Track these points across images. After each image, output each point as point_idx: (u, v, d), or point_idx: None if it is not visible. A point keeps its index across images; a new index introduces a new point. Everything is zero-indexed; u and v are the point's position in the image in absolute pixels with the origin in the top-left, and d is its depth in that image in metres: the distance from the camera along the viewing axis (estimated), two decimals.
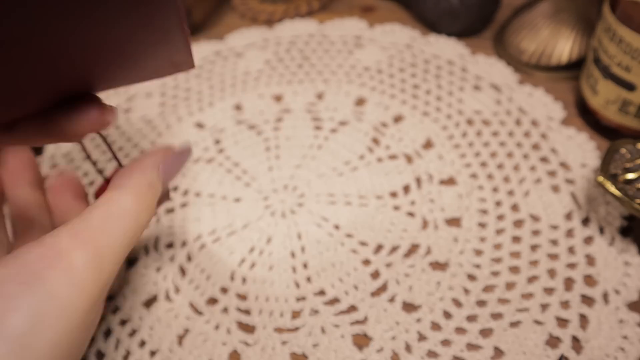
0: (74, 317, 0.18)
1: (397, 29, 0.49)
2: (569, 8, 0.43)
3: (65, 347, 0.17)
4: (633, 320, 0.29)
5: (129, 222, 0.20)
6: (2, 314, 0.16)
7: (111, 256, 0.19)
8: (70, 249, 0.18)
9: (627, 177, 0.30)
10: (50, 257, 0.18)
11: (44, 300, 0.17)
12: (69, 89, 0.20)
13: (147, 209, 0.22)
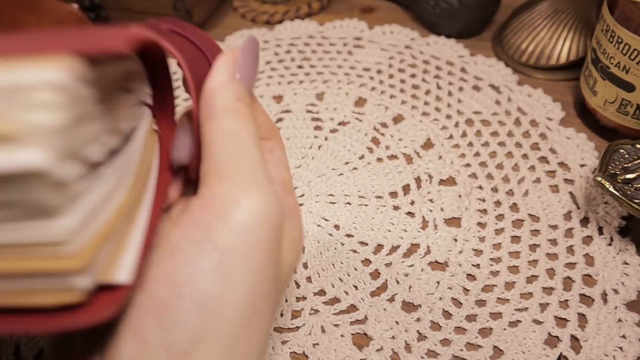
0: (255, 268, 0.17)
1: (396, 30, 0.49)
2: (568, 9, 0.43)
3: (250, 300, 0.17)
4: (632, 319, 0.29)
5: (251, 140, 0.19)
6: (190, 277, 0.16)
7: (266, 183, 0.18)
8: (230, 198, 0.17)
9: (625, 177, 0.30)
10: (215, 211, 0.17)
11: (220, 260, 0.16)
12: None
13: (249, 121, 0.20)
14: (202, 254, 0.16)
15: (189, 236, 0.17)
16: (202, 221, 0.17)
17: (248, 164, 0.18)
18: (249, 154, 0.19)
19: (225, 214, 0.17)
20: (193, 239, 0.17)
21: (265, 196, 0.18)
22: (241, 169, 0.18)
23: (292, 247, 0.20)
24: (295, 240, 0.21)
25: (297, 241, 0.21)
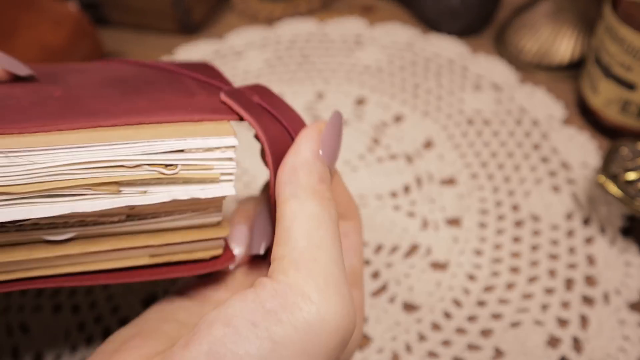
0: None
1: (397, 28, 0.49)
2: (570, 7, 0.43)
3: None
4: (634, 320, 0.29)
5: (332, 228, 0.18)
6: (233, 356, 0.15)
7: (343, 285, 0.17)
8: (303, 293, 0.16)
9: (628, 177, 0.30)
10: (285, 301, 0.16)
11: (270, 352, 0.15)
12: None
13: (331, 206, 0.18)
14: (255, 339, 0.16)
15: (249, 315, 0.16)
16: (268, 306, 0.16)
17: (327, 256, 0.17)
18: (330, 244, 0.17)
19: (292, 308, 0.16)
20: (252, 320, 0.16)
21: (339, 300, 0.17)
22: (321, 262, 0.17)
23: (348, 349, 0.19)
24: (354, 341, 0.20)
25: (354, 342, 0.20)
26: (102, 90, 0.21)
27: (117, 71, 0.24)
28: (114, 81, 0.22)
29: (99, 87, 0.22)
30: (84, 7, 0.53)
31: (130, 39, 0.53)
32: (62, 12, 0.46)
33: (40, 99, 0.20)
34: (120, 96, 0.21)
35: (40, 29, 0.44)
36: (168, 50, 0.51)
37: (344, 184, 0.22)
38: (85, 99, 0.20)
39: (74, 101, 0.20)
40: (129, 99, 0.21)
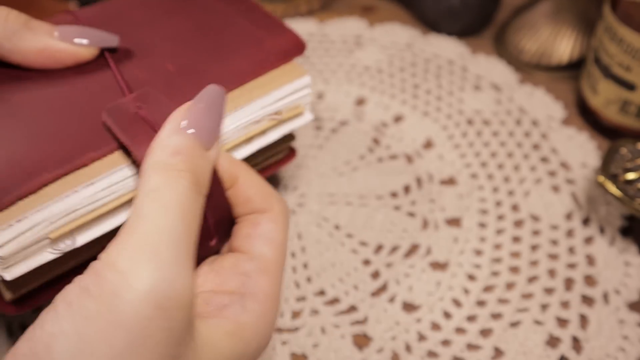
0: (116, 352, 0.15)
1: (397, 28, 0.49)
2: (570, 8, 0.43)
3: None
4: (633, 320, 0.29)
5: (172, 199, 0.17)
6: (49, 336, 0.15)
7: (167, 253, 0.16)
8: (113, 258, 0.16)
9: (627, 177, 0.30)
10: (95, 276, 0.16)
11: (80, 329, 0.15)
12: None
13: (183, 177, 0.17)
14: (69, 317, 0.15)
15: (67, 296, 0.16)
16: (82, 284, 0.16)
17: (150, 225, 0.16)
18: (157, 215, 0.16)
19: (100, 280, 0.15)
20: (68, 300, 0.16)
21: (155, 266, 0.15)
22: (139, 231, 0.16)
23: (236, 336, 0.18)
24: (245, 329, 0.18)
25: (247, 330, 0.19)
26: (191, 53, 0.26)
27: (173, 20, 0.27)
28: (188, 36, 0.26)
29: (185, 48, 0.26)
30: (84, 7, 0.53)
31: None
32: None
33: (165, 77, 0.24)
34: (211, 55, 0.26)
35: None
36: None
37: (256, 176, 0.21)
38: (195, 68, 0.25)
39: (191, 73, 0.25)
40: (221, 58, 0.26)
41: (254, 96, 0.25)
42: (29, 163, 0.19)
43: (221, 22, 0.28)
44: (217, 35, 0.27)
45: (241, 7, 0.29)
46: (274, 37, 0.27)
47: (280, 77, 0.26)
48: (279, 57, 0.27)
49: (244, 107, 0.25)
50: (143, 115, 0.21)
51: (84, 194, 0.20)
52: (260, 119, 0.26)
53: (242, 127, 0.25)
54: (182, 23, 0.27)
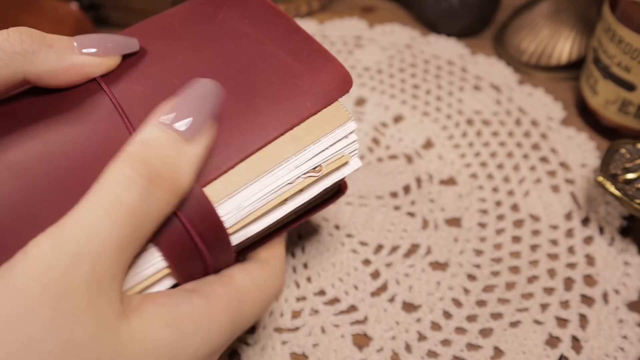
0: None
1: (397, 29, 0.49)
2: (569, 8, 0.43)
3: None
4: (633, 320, 0.29)
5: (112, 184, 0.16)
6: None
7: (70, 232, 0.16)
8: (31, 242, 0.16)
9: (626, 177, 0.30)
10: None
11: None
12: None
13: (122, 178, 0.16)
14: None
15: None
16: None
17: (76, 215, 0.16)
18: (87, 204, 0.16)
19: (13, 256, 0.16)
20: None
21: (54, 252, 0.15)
22: (65, 219, 0.16)
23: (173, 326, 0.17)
24: (183, 319, 0.18)
25: (186, 322, 0.18)
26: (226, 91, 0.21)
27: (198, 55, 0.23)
28: (222, 72, 0.22)
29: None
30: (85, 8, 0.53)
31: None
32: (63, 12, 0.46)
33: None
34: (236, 102, 0.21)
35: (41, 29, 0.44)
36: None
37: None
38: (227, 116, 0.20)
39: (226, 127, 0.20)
40: (247, 106, 0.21)
41: (287, 154, 0.20)
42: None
43: (253, 57, 0.23)
44: (248, 75, 0.22)
45: (275, 31, 0.24)
46: (314, 72, 0.22)
47: (319, 126, 0.21)
48: (319, 99, 0.21)
49: (277, 169, 0.20)
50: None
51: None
52: (294, 180, 0.21)
53: (273, 192, 0.21)
54: (211, 58, 0.23)
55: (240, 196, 0.20)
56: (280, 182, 0.21)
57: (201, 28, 0.24)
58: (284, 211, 0.22)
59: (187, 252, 0.19)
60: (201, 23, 0.24)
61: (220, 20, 0.24)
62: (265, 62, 0.23)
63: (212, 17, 0.25)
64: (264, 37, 0.24)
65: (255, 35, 0.24)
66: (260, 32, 0.24)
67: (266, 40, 0.24)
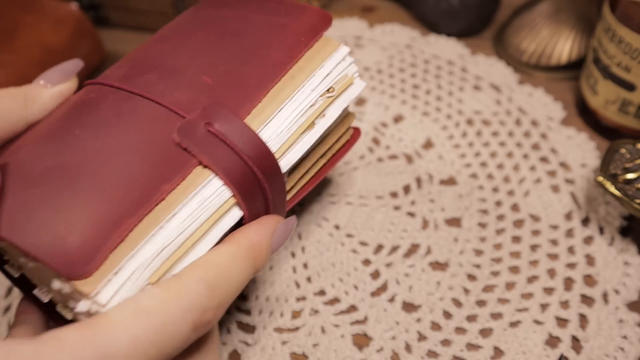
0: None
1: (397, 29, 0.49)
2: (569, 8, 0.43)
3: None
4: (633, 320, 0.29)
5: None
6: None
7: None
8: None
9: (626, 177, 0.30)
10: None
11: None
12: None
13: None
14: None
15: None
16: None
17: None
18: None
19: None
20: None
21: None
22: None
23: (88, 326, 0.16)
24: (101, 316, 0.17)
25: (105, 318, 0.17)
26: (222, 61, 0.25)
27: (194, 39, 0.26)
28: (214, 47, 0.26)
29: (216, 59, 0.25)
30: (85, 8, 0.53)
31: (131, 40, 0.53)
32: (62, 12, 0.46)
33: (206, 91, 0.23)
34: (243, 57, 0.25)
35: (41, 29, 0.44)
36: None
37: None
38: (232, 74, 0.24)
39: (229, 80, 0.24)
40: (253, 56, 0.25)
41: (300, 81, 0.25)
42: (109, 214, 0.19)
43: (239, 26, 0.27)
44: (241, 38, 0.26)
45: (251, 6, 0.28)
46: (296, 18, 0.27)
47: (317, 55, 0.26)
48: (309, 35, 0.26)
49: (295, 95, 0.24)
50: (214, 132, 0.21)
51: (169, 228, 0.19)
52: (315, 102, 0.25)
53: (300, 115, 0.24)
54: (204, 38, 0.26)
55: (273, 123, 0.23)
56: (303, 105, 0.24)
57: (186, 28, 0.28)
58: (315, 135, 0.25)
59: (245, 177, 0.21)
60: (182, 26, 0.28)
61: (200, 18, 0.28)
62: (252, 26, 0.27)
63: (193, 18, 0.28)
64: (243, 12, 0.28)
65: (235, 14, 0.28)
66: (238, 11, 0.28)
67: (245, 13, 0.27)
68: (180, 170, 0.20)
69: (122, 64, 0.26)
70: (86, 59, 0.47)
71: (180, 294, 0.18)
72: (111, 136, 0.21)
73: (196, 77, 0.24)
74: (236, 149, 0.21)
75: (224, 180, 0.21)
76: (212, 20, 0.27)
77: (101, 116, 0.22)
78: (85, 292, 0.17)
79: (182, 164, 0.21)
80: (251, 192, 0.22)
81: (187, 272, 0.19)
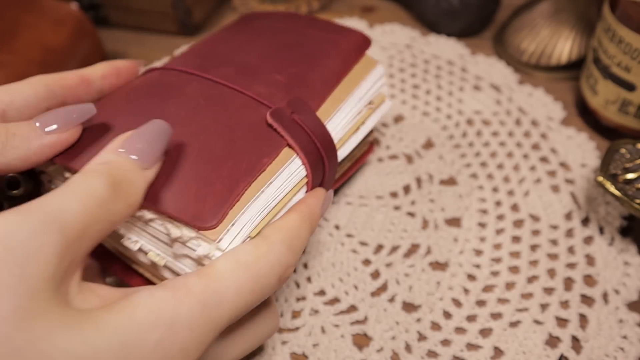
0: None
1: (397, 29, 0.49)
2: (569, 8, 0.43)
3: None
4: (633, 320, 0.29)
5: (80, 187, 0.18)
6: None
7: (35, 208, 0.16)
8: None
9: (626, 177, 0.30)
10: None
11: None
12: None
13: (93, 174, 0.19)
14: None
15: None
16: None
17: (45, 199, 0.17)
18: (57, 193, 0.17)
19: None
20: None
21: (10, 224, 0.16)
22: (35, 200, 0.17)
23: (124, 313, 0.17)
24: (138, 306, 0.17)
25: (140, 309, 0.17)
26: (289, 65, 0.29)
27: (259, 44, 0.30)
28: (279, 53, 0.29)
29: (283, 62, 0.29)
30: (85, 8, 0.53)
31: (131, 40, 0.53)
32: (62, 12, 0.46)
33: (282, 87, 0.27)
34: (306, 64, 0.29)
35: (41, 29, 0.44)
36: (168, 51, 0.51)
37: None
38: (300, 77, 0.28)
39: (298, 81, 0.28)
40: (314, 64, 0.29)
41: (351, 90, 0.29)
42: (227, 180, 0.23)
43: (296, 37, 0.31)
44: (300, 47, 0.30)
45: (302, 22, 0.32)
46: (345, 36, 0.31)
47: (362, 70, 0.30)
48: (357, 52, 0.30)
49: (347, 101, 0.29)
50: (297, 120, 0.26)
51: (268, 193, 0.24)
52: (361, 110, 0.30)
53: (352, 118, 0.29)
54: (268, 44, 0.30)
55: (333, 121, 0.28)
56: (353, 111, 0.29)
57: (246, 33, 0.31)
58: (358, 137, 0.30)
59: (316, 160, 0.26)
60: (243, 32, 0.32)
61: (257, 26, 0.32)
62: (308, 38, 0.31)
63: (251, 26, 0.32)
64: (296, 26, 0.32)
65: (289, 27, 0.32)
66: (291, 25, 0.32)
67: (298, 27, 0.32)
68: (275, 148, 0.25)
69: (189, 57, 0.30)
70: (86, 59, 0.47)
71: (269, 252, 0.21)
72: (206, 116, 0.25)
73: (270, 76, 0.28)
74: (312, 136, 0.26)
75: (302, 160, 0.25)
76: (270, 30, 0.32)
77: (190, 97, 0.26)
78: (212, 238, 0.21)
79: (276, 143, 0.25)
80: (317, 171, 0.26)
81: (271, 234, 0.22)
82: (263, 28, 0.32)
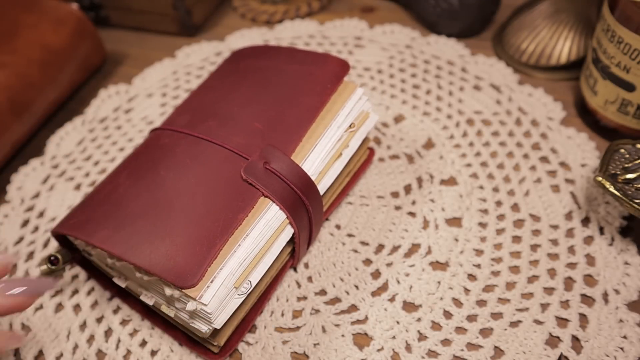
0: None
1: (397, 29, 0.49)
2: (569, 9, 0.43)
3: None
4: (633, 320, 0.29)
5: None
6: None
7: None
8: None
9: (626, 177, 0.30)
10: None
11: None
12: None
13: None
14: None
15: None
16: None
17: None
18: None
19: None
20: None
21: None
22: None
23: None
24: None
25: None
26: (266, 109, 0.31)
27: (240, 90, 0.33)
28: (257, 97, 0.32)
29: (260, 107, 0.31)
30: (85, 8, 0.53)
31: (131, 40, 0.53)
32: (63, 12, 0.46)
33: (259, 135, 0.29)
34: (283, 104, 0.31)
35: (41, 29, 0.44)
36: (169, 51, 0.51)
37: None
38: (277, 119, 0.30)
39: (276, 124, 0.30)
40: (292, 103, 0.31)
41: (328, 121, 0.30)
42: (204, 238, 0.25)
43: (276, 75, 0.33)
44: (278, 88, 0.32)
45: (282, 56, 0.34)
46: (321, 67, 0.32)
47: (339, 98, 0.31)
48: (334, 81, 0.32)
49: (325, 134, 0.30)
50: (271, 169, 0.28)
51: (245, 245, 0.26)
52: (341, 136, 0.31)
53: (331, 148, 0.30)
54: (249, 90, 0.32)
55: (311, 157, 0.29)
56: (332, 141, 0.30)
57: (231, 78, 0.34)
58: (342, 163, 0.31)
59: (294, 201, 0.27)
60: (229, 76, 0.34)
61: (242, 68, 0.34)
62: (287, 75, 0.32)
63: (236, 68, 0.35)
64: (277, 62, 0.34)
65: (271, 64, 0.34)
66: (273, 61, 0.34)
67: (279, 64, 0.33)
68: (250, 201, 0.26)
69: (182, 112, 0.33)
70: (86, 59, 0.47)
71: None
72: (191, 176, 0.28)
73: (249, 124, 0.30)
74: (287, 181, 0.27)
75: (280, 206, 0.27)
76: (252, 70, 0.34)
77: (179, 159, 0.29)
78: (193, 296, 0.24)
79: (250, 196, 0.27)
80: (298, 213, 0.28)
81: None
82: (247, 69, 0.34)
